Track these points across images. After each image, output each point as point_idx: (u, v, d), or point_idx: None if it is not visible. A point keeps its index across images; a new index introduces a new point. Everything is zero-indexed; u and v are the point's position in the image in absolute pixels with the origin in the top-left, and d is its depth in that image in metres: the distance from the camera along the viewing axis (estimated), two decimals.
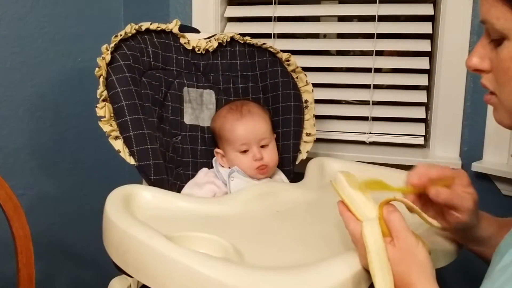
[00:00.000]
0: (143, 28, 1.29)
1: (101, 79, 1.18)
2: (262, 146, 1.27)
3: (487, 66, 0.78)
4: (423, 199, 0.88)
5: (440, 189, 0.86)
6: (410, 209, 0.82)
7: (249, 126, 1.26)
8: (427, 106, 1.62)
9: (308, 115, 1.39)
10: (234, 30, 1.51)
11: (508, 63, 0.73)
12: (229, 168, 1.27)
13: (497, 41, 0.75)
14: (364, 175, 0.84)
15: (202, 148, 1.36)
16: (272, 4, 1.65)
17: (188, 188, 1.26)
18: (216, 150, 1.31)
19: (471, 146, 1.53)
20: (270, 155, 1.27)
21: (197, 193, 1.23)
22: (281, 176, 1.33)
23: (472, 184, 0.90)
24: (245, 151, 1.26)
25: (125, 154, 1.17)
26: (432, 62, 1.57)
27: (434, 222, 0.82)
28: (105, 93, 1.18)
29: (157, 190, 1.08)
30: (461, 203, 0.87)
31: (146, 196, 1.04)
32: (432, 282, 0.75)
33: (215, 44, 1.38)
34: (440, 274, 0.81)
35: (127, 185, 1.05)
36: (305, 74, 1.40)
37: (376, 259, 0.75)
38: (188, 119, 1.36)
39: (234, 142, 1.26)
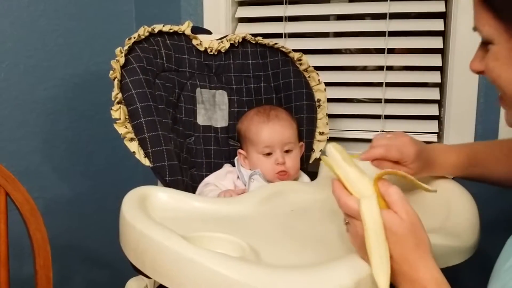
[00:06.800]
0: (156, 30, 1.30)
1: (116, 82, 1.19)
2: (286, 152, 1.27)
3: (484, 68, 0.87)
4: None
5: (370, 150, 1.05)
6: (404, 178, 0.79)
7: (274, 130, 1.26)
8: (440, 103, 1.61)
9: (321, 114, 1.39)
10: (245, 30, 1.51)
11: (492, 63, 0.84)
12: (250, 170, 1.28)
13: (487, 44, 0.84)
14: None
15: (216, 149, 1.37)
16: (282, 4, 1.65)
17: (211, 177, 1.29)
18: (240, 151, 1.32)
19: None
20: (293, 162, 1.27)
21: (219, 182, 1.26)
22: (303, 178, 1.33)
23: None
24: (268, 154, 1.26)
25: (140, 155, 1.18)
26: (444, 59, 1.56)
27: (429, 188, 0.81)
28: (119, 95, 1.19)
29: (172, 191, 1.08)
30: (401, 152, 1.04)
31: (162, 197, 1.04)
32: (431, 258, 0.74)
33: (227, 45, 1.39)
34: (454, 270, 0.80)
35: (142, 187, 1.05)
36: (317, 73, 1.40)
37: (374, 238, 0.73)
38: (201, 120, 1.36)
39: (258, 144, 1.26)
